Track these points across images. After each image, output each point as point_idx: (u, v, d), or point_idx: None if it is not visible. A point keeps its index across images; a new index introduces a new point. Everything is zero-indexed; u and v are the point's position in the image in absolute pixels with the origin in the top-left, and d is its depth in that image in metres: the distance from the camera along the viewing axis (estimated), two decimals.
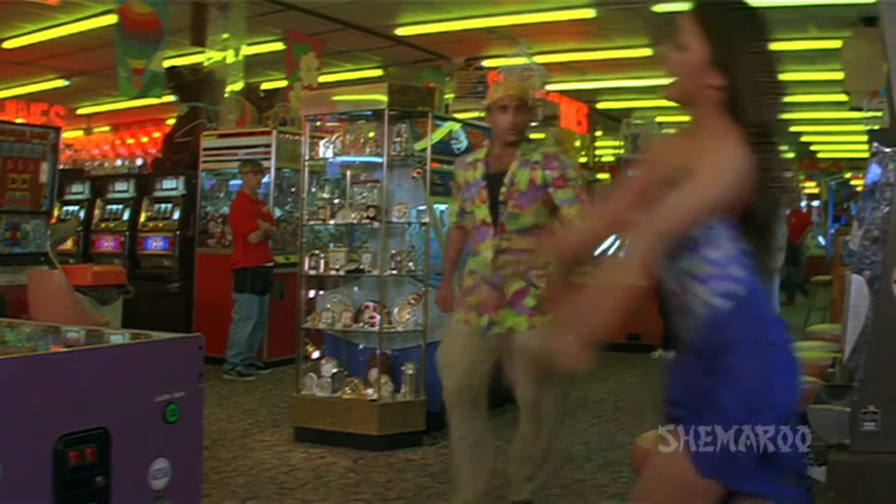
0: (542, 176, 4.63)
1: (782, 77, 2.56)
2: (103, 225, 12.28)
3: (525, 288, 4.62)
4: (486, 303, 4.67)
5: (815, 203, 25.35)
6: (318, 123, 7.61)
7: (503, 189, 4.65)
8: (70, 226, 11.73)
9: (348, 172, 7.38)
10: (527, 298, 4.61)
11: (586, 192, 4.78)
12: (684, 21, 2.52)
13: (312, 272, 7.09)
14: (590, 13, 13.30)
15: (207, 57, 12.89)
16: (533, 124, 9.40)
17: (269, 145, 10.59)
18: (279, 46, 14.51)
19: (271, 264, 9.77)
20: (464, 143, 7.99)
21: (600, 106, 20.56)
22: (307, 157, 7.37)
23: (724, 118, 2.45)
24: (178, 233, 11.43)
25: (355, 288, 7.17)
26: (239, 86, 12.83)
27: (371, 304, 6.83)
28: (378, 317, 6.68)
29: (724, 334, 2.40)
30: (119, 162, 14.90)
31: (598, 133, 22.14)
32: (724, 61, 2.46)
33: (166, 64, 12.54)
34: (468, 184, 4.81)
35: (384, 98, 6.79)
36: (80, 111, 20.75)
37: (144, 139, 16.94)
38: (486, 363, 4.79)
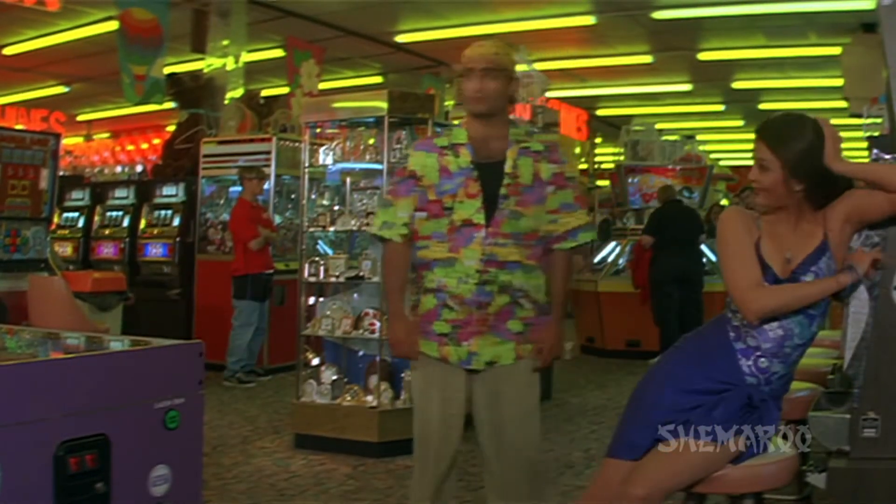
0: (546, 169, 3.74)
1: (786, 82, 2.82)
2: (103, 231, 12.28)
3: (510, 307, 3.67)
4: (466, 327, 3.67)
5: None
6: (319, 130, 7.61)
7: (506, 181, 3.67)
8: None
9: (348, 179, 7.38)
10: (511, 321, 3.68)
11: (583, 197, 3.96)
12: (758, 143, 3.03)
13: (312, 279, 7.09)
14: (589, 20, 13.34)
15: (208, 63, 12.92)
16: (533, 131, 9.42)
17: (269, 152, 10.60)
18: (279, 53, 14.55)
19: (271, 271, 9.77)
20: None
21: (600, 113, 20.59)
22: (307, 164, 7.38)
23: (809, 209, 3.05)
24: (178, 239, 11.43)
25: (355, 295, 7.17)
26: (239, 92, 12.85)
27: (371, 311, 6.82)
28: (378, 323, 6.66)
29: None
30: (119, 168, 14.91)
31: (598, 140, 22.23)
32: (799, 171, 2.98)
33: (167, 71, 12.57)
34: (448, 173, 3.71)
35: (384, 105, 6.80)
36: (80, 117, 20.78)
37: (144, 146, 16.95)
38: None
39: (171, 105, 13.36)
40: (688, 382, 3.09)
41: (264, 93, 13.82)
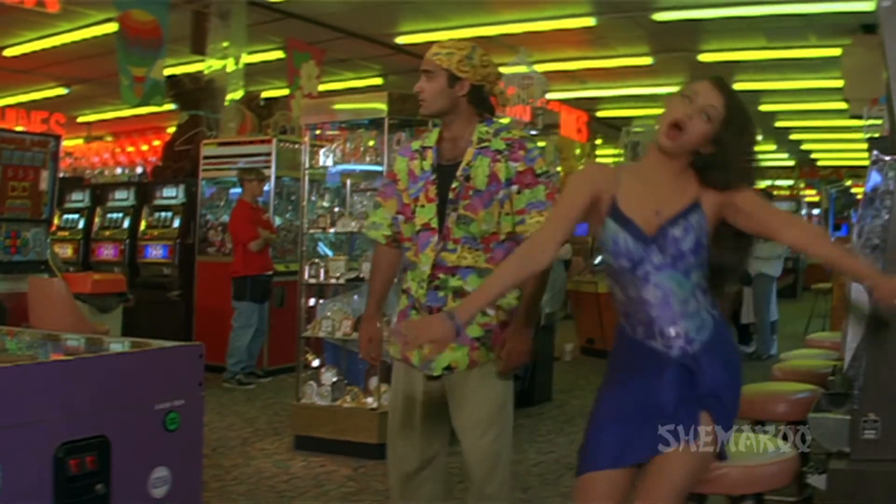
0: (507, 169, 3.60)
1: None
2: (103, 233, 12.29)
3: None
4: None
5: (816, 211, 25.35)
6: (319, 132, 7.61)
7: (454, 184, 3.60)
8: None
9: (348, 181, 7.38)
10: (469, 326, 3.40)
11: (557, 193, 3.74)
12: (710, 89, 2.90)
13: (312, 280, 7.09)
14: (590, 22, 13.34)
15: (208, 65, 12.93)
16: (533, 132, 9.42)
17: (269, 154, 10.59)
18: (279, 55, 14.55)
19: (271, 273, 9.77)
20: None
21: (600, 114, 20.57)
22: (307, 166, 7.38)
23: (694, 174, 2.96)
24: (178, 241, 11.43)
25: (355, 296, 7.17)
26: (239, 94, 12.85)
27: None
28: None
29: None
30: (119, 170, 14.94)
31: (599, 141, 22.16)
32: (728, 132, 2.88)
33: (167, 72, 12.57)
34: (414, 177, 3.72)
35: (384, 106, 6.79)
36: (80, 119, 20.79)
37: (144, 147, 16.97)
38: (445, 424, 3.75)
39: (171, 107, 13.37)
40: (629, 384, 2.98)
41: (264, 94, 13.83)
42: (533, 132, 9.36)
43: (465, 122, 3.68)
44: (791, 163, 29.61)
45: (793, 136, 24.50)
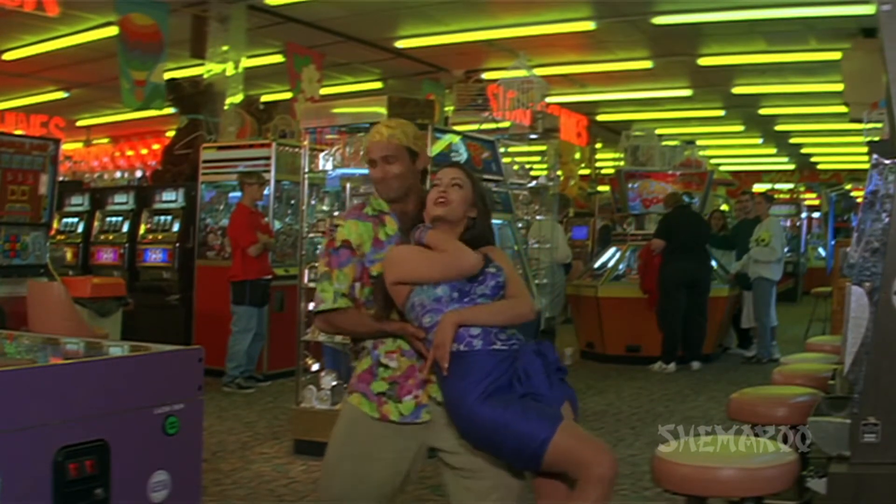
0: None
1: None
2: (103, 237, 12.28)
3: (371, 368, 3.59)
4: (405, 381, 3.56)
5: (816, 214, 25.38)
6: (318, 136, 7.61)
7: None
8: None
9: (348, 185, 7.37)
10: (374, 382, 3.55)
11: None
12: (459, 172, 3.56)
13: (312, 284, 7.08)
14: (589, 25, 13.36)
15: (207, 69, 12.93)
16: (533, 136, 9.44)
17: (268, 157, 10.58)
18: (279, 59, 14.56)
19: (270, 277, 9.76)
20: (463, 156, 7.97)
21: (600, 118, 20.61)
22: (307, 170, 7.38)
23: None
24: (177, 245, 11.42)
25: None
26: (239, 98, 12.86)
27: None
28: None
29: None
30: (119, 174, 14.92)
31: (598, 145, 22.26)
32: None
33: (166, 76, 12.57)
34: (379, 242, 3.59)
35: (384, 110, 6.79)
36: (79, 123, 20.80)
37: (144, 151, 16.98)
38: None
39: (170, 110, 13.37)
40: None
41: (264, 98, 13.84)
42: (533, 136, 9.36)
43: (416, 192, 3.65)
44: (791, 166, 29.67)
45: (793, 140, 24.53)
